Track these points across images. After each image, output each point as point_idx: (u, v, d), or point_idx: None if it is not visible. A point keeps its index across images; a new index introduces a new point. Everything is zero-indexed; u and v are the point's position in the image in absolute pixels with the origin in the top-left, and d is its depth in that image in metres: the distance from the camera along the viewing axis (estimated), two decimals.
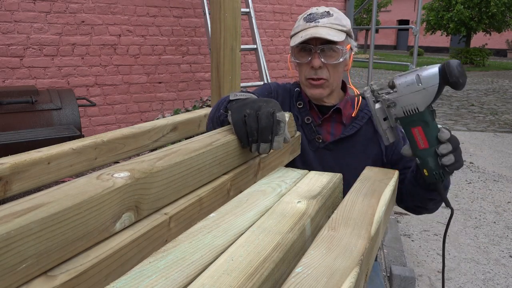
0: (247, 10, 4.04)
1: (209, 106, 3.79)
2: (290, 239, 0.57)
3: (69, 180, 0.59)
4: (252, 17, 4.06)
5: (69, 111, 2.96)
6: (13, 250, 0.42)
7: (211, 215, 0.64)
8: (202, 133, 0.88)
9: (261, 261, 0.50)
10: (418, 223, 3.40)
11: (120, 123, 4.30)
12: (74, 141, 1.04)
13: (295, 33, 1.24)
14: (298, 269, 0.50)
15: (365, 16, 24.26)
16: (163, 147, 0.81)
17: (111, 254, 0.53)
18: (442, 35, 21.83)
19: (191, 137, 0.87)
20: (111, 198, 0.54)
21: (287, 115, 0.98)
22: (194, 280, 0.46)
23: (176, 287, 0.45)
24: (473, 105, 9.25)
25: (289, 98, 1.34)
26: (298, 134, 1.13)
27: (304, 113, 1.30)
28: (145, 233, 0.59)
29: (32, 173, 0.89)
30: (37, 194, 0.51)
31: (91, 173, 0.61)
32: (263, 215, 0.64)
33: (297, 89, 1.34)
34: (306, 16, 1.24)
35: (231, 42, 2.82)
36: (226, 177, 0.80)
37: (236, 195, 0.74)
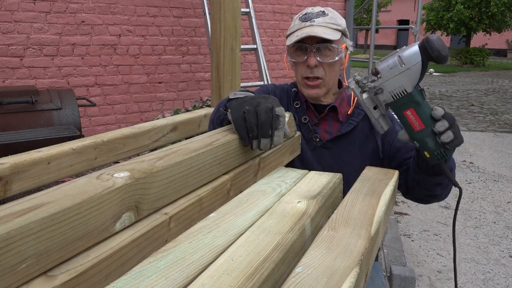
0: (247, 10, 4.04)
1: (209, 106, 3.80)
2: (290, 239, 0.57)
3: (69, 180, 0.59)
4: (252, 17, 4.06)
5: (69, 111, 2.96)
6: (13, 250, 0.42)
7: (211, 215, 0.64)
8: (202, 133, 0.88)
9: (261, 261, 0.50)
10: (418, 223, 3.40)
11: (120, 123, 4.30)
12: (74, 141, 1.05)
13: (291, 32, 1.25)
14: (298, 269, 0.50)
15: (365, 16, 24.25)
16: (163, 147, 0.81)
17: (111, 254, 0.53)
18: (442, 35, 21.81)
19: (191, 137, 0.87)
20: (111, 198, 0.54)
21: (287, 115, 0.98)
22: (194, 280, 0.46)
23: (176, 287, 0.45)
24: (473, 105, 9.25)
25: (286, 98, 1.36)
26: (298, 134, 1.13)
27: (301, 112, 1.32)
28: (145, 233, 0.59)
29: (32, 173, 0.89)
30: (37, 194, 0.51)
31: (91, 173, 0.61)
32: (263, 215, 0.64)
33: (294, 89, 1.35)
34: (301, 16, 1.26)
35: (231, 42, 2.82)
36: (226, 177, 0.80)
37: (236, 195, 0.74)
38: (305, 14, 1.25)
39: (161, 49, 4.43)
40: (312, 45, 1.21)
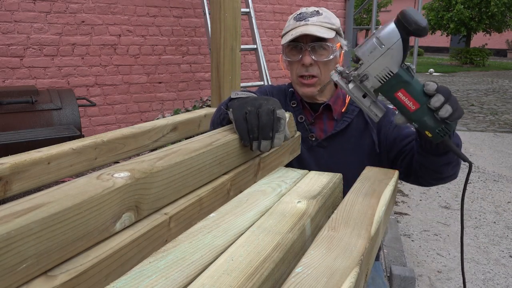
0: (247, 10, 4.04)
1: (209, 106, 3.79)
2: (290, 239, 0.57)
3: (69, 180, 0.59)
4: (252, 17, 4.06)
5: (69, 111, 2.96)
6: (13, 250, 0.42)
7: (211, 215, 0.64)
8: (202, 133, 0.88)
9: (261, 261, 0.50)
10: (418, 223, 3.40)
11: (120, 123, 4.30)
12: (74, 141, 1.05)
13: (285, 32, 1.27)
14: (298, 269, 0.50)
15: (365, 16, 24.22)
16: (163, 147, 0.82)
17: (111, 254, 0.53)
18: (442, 35, 21.82)
19: (191, 137, 0.87)
20: (111, 198, 0.54)
21: (287, 115, 0.98)
22: (194, 280, 0.46)
23: (176, 287, 0.45)
24: (473, 105, 9.25)
25: (283, 98, 1.36)
26: (298, 134, 1.13)
27: (297, 112, 1.32)
28: (145, 233, 0.59)
29: (32, 173, 0.89)
30: (37, 194, 0.51)
31: (91, 173, 0.61)
32: (263, 215, 0.64)
33: (291, 89, 1.36)
34: (296, 15, 1.27)
35: (231, 42, 2.82)
36: (226, 177, 0.80)
37: (236, 195, 0.74)
38: (300, 13, 1.27)
39: (161, 49, 4.43)
40: (306, 43, 1.22)
